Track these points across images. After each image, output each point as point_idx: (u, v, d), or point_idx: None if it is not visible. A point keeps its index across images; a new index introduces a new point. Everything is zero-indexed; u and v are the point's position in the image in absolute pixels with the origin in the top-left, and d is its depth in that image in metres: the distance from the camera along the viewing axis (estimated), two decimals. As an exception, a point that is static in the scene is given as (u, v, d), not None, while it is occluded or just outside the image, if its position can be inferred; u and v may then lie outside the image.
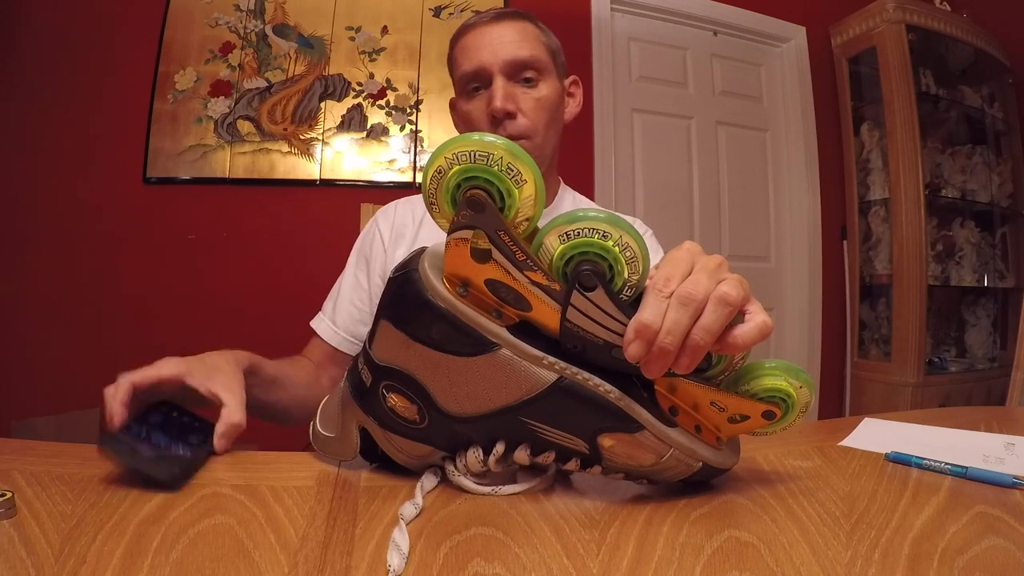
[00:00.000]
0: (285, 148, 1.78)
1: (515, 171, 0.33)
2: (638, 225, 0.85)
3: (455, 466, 0.39)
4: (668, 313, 0.31)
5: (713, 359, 0.37)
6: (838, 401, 2.26)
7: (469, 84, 0.76)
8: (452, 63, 0.80)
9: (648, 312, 0.31)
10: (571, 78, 0.84)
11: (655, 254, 0.83)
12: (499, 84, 0.73)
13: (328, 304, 0.83)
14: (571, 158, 1.94)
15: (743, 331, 0.33)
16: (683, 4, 2.14)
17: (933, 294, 2.14)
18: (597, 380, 0.34)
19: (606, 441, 0.35)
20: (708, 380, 0.37)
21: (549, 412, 0.35)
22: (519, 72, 0.75)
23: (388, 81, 1.85)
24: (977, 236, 2.28)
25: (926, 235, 2.08)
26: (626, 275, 0.33)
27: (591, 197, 1.36)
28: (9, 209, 1.66)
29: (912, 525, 0.34)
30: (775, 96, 2.30)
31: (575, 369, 0.34)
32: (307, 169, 1.79)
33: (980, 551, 0.31)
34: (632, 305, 0.33)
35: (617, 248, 0.33)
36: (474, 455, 0.37)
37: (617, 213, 0.33)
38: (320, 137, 1.80)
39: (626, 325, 0.32)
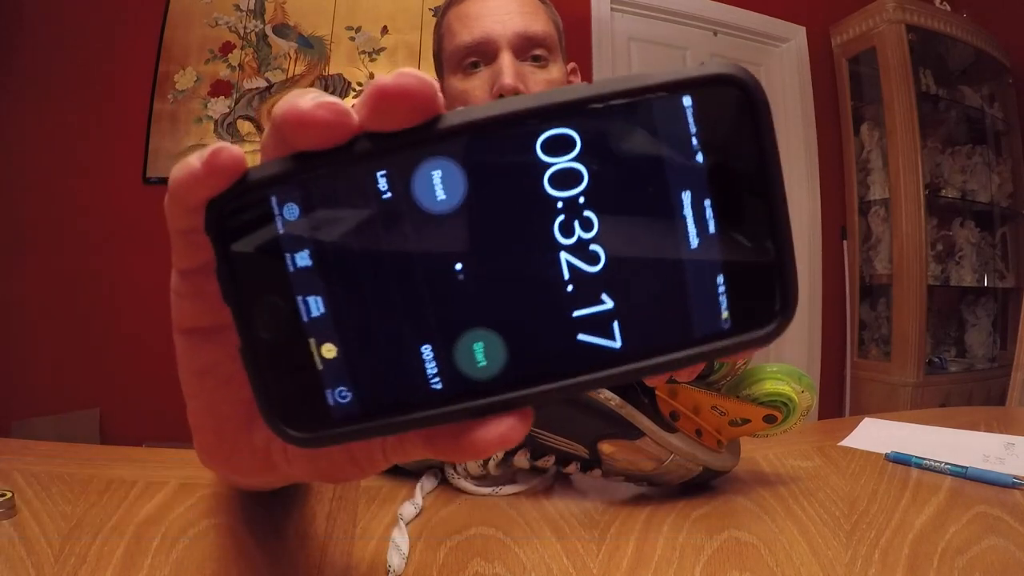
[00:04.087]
0: (285, 148, 1.78)
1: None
2: None
3: (455, 469, 0.39)
4: None
5: (715, 365, 0.37)
6: (838, 401, 2.26)
7: (466, 59, 0.66)
8: (445, 33, 0.69)
9: None
10: (571, 65, 0.76)
11: None
12: (507, 60, 0.63)
13: None
14: (571, 158, 1.94)
15: None
16: (683, 4, 2.14)
17: (933, 294, 2.14)
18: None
19: (607, 447, 0.35)
20: (710, 385, 0.37)
21: (550, 418, 0.35)
22: (529, 49, 0.65)
23: (388, 81, 1.85)
24: (977, 236, 2.28)
25: (926, 235, 2.07)
26: None
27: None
28: (9, 209, 1.66)
29: (912, 525, 0.34)
30: (775, 96, 2.29)
31: None
32: (307, 169, 1.79)
33: (980, 551, 0.31)
34: None
35: None
36: (474, 457, 0.37)
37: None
38: (320, 137, 1.80)
39: None
